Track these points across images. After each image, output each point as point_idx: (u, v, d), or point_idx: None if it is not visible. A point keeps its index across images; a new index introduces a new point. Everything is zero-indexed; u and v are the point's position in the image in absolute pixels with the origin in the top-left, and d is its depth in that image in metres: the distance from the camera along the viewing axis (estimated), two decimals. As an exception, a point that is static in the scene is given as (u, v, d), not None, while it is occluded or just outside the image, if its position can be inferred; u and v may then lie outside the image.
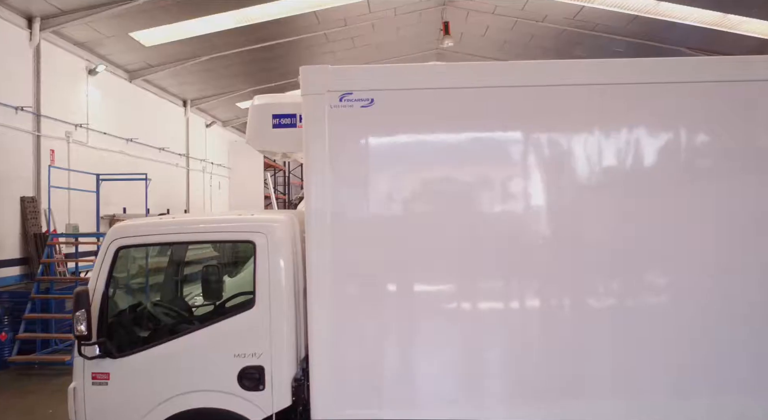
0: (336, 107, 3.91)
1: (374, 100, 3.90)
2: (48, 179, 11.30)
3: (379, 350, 3.96)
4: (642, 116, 3.86)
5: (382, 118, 3.93)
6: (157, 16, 13.21)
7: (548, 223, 3.90)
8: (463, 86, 3.92)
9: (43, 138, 12.38)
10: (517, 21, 16.06)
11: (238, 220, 4.32)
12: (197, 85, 19.07)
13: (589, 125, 3.91)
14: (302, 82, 3.94)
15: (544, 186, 3.92)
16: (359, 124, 3.92)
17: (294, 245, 4.24)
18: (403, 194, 3.95)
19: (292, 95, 4.67)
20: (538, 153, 3.95)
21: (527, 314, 3.94)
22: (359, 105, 3.91)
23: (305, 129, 3.95)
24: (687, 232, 3.83)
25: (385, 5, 15.42)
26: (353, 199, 3.95)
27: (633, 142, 3.86)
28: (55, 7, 11.95)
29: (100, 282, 4.20)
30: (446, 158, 3.94)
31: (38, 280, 9.86)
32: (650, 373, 3.83)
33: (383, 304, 3.96)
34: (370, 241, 3.95)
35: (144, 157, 16.90)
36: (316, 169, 3.93)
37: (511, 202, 3.94)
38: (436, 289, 3.98)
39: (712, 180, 3.85)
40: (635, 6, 13.70)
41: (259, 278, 4.14)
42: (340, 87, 3.92)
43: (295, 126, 4.53)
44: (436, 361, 3.93)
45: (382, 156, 3.94)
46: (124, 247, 4.26)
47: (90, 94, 14.35)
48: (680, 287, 3.86)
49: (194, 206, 21.09)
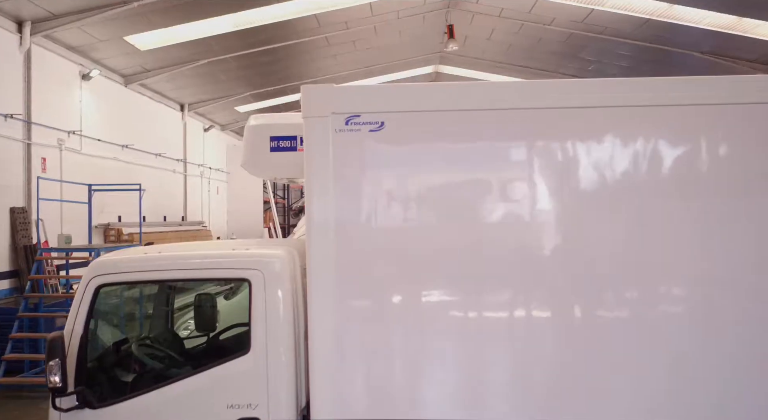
0: (341, 131, 3.46)
1: (384, 123, 3.46)
2: (37, 190, 10.86)
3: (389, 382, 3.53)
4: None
5: (394, 143, 3.48)
6: (152, 19, 12.78)
7: (564, 250, 3.48)
8: (487, 107, 3.48)
9: (34, 146, 11.95)
10: (524, 24, 15.64)
11: (231, 255, 3.87)
12: (195, 89, 18.64)
13: (615, 147, 3.49)
14: (303, 103, 3.50)
15: (572, 213, 3.49)
16: (368, 150, 3.47)
17: (294, 282, 3.80)
18: (419, 234, 3.50)
19: (292, 115, 4.22)
20: (570, 180, 3.52)
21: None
22: (367, 129, 3.46)
23: (307, 156, 3.50)
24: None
25: (388, 8, 14.99)
26: (360, 234, 3.51)
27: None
28: (46, 11, 11.51)
29: (78, 324, 3.76)
30: (470, 189, 3.50)
31: (26, 297, 9.42)
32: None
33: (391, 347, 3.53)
34: (380, 285, 3.51)
35: (140, 164, 16.47)
36: (318, 200, 3.49)
37: (539, 234, 3.51)
38: (457, 335, 3.55)
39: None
40: (647, 9, 13.27)
41: (255, 320, 3.70)
42: (346, 109, 3.47)
43: (295, 149, 4.07)
44: (457, 399, 3.49)
45: (395, 188, 3.49)
46: (105, 285, 3.82)
47: (83, 99, 13.91)
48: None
49: (192, 212, 20.66)
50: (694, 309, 3.47)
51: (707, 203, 3.47)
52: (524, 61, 19.09)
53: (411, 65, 20.74)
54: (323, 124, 3.48)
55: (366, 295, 3.54)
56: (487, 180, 3.53)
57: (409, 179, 3.51)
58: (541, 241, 3.50)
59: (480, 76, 21.61)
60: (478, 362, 3.52)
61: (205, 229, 20.73)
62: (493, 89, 3.66)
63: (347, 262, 3.50)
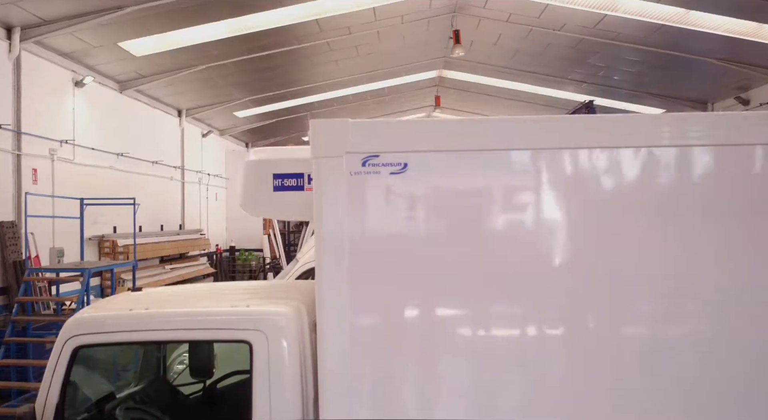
0: (357, 174, 2.96)
1: (408, 165, 2.97)
2: (24, 207, 10.34)
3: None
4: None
5: (420, 188, 2.99)
6: (147, 25, 12.27)
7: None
8: (531, 147, 2.98)
9: (24, 157, 11.43)
10: (532, 29, 15.13)
11: (229, 313, 3.36)
12: (193, 94, 18.12)
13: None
14: (313, 140, 3.00)
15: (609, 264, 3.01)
16: (389, 196, 2.98)
17: (301, 343, 3.30)
18: (453, 304, 3.00)
19: (297, 149, 3.72)
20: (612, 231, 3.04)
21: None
22: (388, 171, 2.97)
23: (317, 203, 3.00)
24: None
25: (392, 12, 14.48)
26: (379, 293, 3.01)
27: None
28: (36, 17, 11.00)
29: (53, 392, 3.25)
30: (520, 247, 3.00)
31: (14, 321, 8.91)
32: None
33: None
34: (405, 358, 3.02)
35: (136, 172, 15.95)
36: (330, 255, 2.99)
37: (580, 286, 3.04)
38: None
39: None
40: (663, 15, 12.76)
41: (257, 389, 3.20)
42: (363, 148, 2.97)
43: (302, 189, 3.55)
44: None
45: (422, 240, 3.00)
46: (83, 347, 3.32)
47: (77, 107, 13.38)
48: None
49: (190, 220, 20.14)
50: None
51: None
52: (531, 67, 18.59)
53: (414, 70, 20.23)
54: (336, 165, 2.98)
55: (387, 374, 3.05)
56: (543, 231, 3.03)
57: (438, 229, 3.02)
58: (578, 290, 3.02)
59: (485, 82, 21.12)
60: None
61: (203, 238, 20.22)
62: (541, 125, 3.14)
63: (365, 327, 3.02)
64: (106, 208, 13.42)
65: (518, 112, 25.15)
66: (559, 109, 21.85)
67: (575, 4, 13.15)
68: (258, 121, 23.19)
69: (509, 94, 21.97)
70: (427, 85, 23.18)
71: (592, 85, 19.19)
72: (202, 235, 20.37)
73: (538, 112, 24.35)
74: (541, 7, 13.62)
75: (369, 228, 3.00)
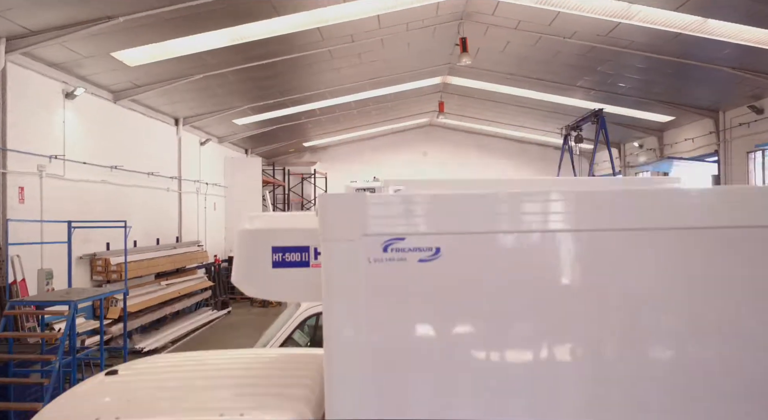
0: (378, 262, 2.38)
1: (441, 250, 2.39)
2: (6, 233, 9.75)
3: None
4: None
5: (456, 279, 2.41)
6: (140, 35, 11.68)
7: None
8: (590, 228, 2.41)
9: (9, 175, 10.82)
10: (542, 37, 14.55)
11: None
12: (190, 103, 17.52)
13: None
14: (322, 219, 2.41)
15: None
16: (418, 291, 2.40)
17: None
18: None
19: (301, 217, 3.12)
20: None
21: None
22: (416, 258, 2.38)
23: (326, 297, 2.42)
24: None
25: (397, 20, 13.90)
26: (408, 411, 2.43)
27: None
28: (23, 28, 10.40)
29: None
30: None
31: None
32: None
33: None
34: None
35: (130, 185, 15.36)
36: (345, 366, 2.40)
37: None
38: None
39: None
40: (679, 23, 12.18)
41: None
42: (385, 229, 2.39)
43: (307, 265, 2.93)
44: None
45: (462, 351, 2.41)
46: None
47: (67, 120, 12.76)
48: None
49: (187, 231, 19.55)
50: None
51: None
52: (538, 74, 18.02)
53: (418, 77, 19.64)
54: (351, 251, 2.39)
55: None
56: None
57: (486, 333, 2.43)
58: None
59: (490, 88, 20.55)
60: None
61: (201, 250, 19.62)
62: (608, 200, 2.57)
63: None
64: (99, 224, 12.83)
65: (523, 118, 24.58)
66: (565, 116, 21.29)
67: (588, 12, 12.57)
68: (258, 128, 22.60)
69: (514, 100, 21.41)
70: (431, 91, 22.61)
71: (599, 92, 18.64)
72: (200, 247, 19.77)
73: (543, 118, 23.77)
74: (552, 14, 13.04)
75: (394, 327, 2.41)
